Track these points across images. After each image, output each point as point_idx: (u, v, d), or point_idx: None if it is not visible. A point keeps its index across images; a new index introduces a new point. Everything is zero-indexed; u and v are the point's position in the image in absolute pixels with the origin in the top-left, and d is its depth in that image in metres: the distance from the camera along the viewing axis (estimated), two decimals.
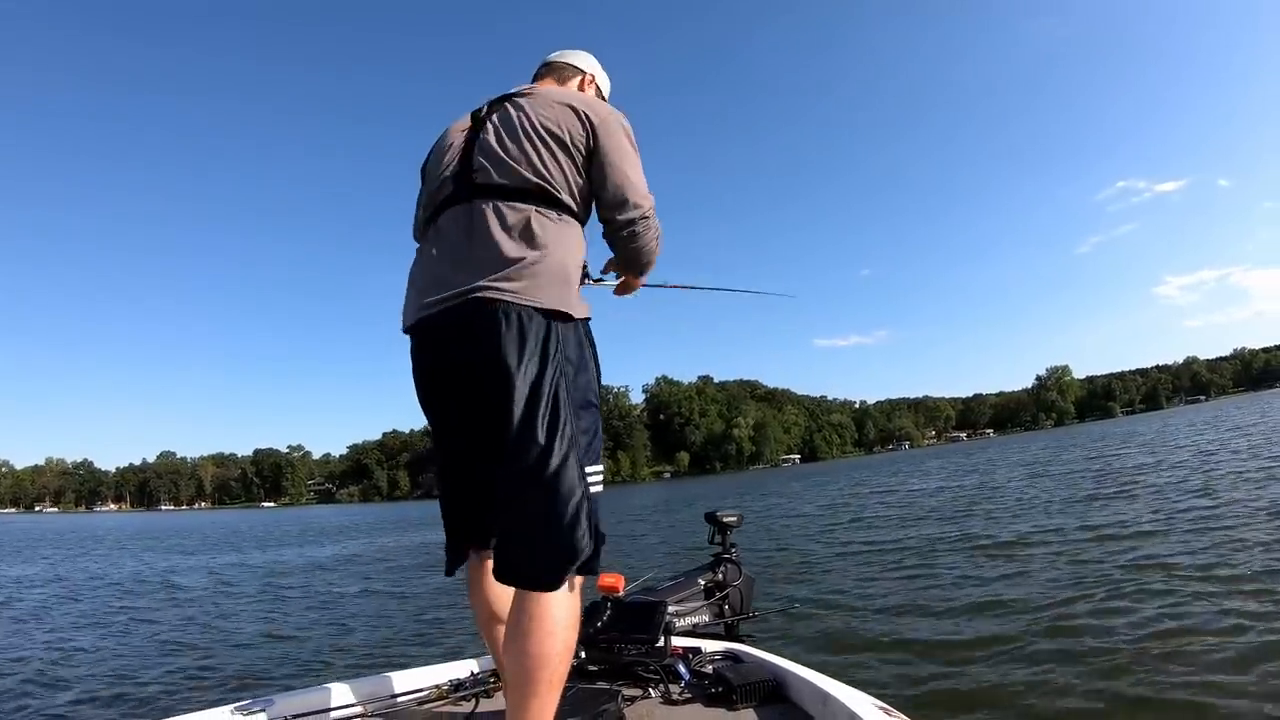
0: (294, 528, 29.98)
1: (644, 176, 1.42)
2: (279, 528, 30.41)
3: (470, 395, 1.30)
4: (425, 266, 1.39)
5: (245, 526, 33.13)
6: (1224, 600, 4.03)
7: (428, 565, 11.12)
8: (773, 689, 1.64)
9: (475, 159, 1.37)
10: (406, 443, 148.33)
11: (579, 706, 1.49)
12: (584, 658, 1.86)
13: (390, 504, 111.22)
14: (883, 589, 5.64)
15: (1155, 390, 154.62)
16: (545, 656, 1.19)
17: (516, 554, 1.26)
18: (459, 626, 5.74)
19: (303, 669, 4.76)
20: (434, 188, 1.44)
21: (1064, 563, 5.71)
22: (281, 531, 26.83)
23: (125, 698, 4.25)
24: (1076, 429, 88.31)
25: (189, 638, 6.08)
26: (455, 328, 1.29)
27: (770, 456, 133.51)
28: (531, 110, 1.37)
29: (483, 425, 1.28)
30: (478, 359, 1.26)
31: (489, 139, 1.37)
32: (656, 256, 1.48)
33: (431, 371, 1.38)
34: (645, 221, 1.40)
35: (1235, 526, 6.13)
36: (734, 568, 2.73)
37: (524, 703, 1.20)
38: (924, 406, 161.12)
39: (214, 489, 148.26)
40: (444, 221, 1.38)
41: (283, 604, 7.96)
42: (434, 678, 1.83)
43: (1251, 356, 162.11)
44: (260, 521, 40.86)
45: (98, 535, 28.74)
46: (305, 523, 35.30)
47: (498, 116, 1.40)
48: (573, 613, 1.25)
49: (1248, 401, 66.30)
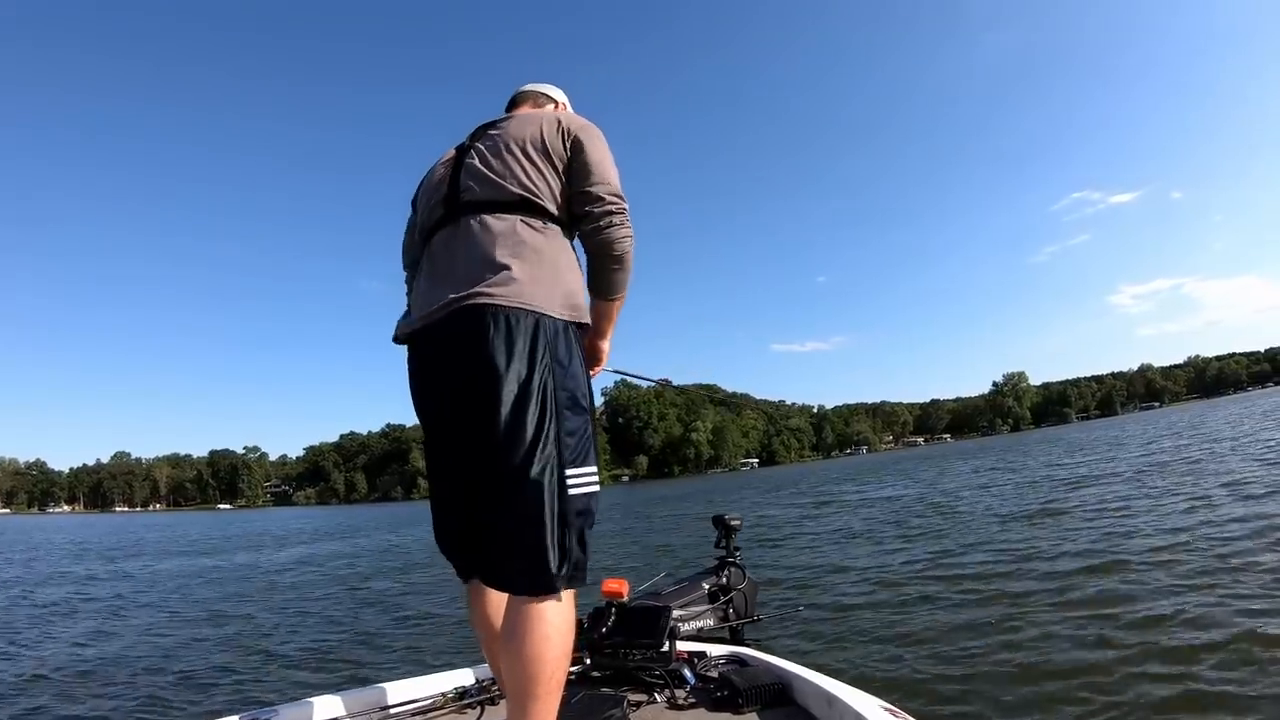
0: (257, 529, 29.23)
1: (617, 181, 1.46)
2: (250, 531, 29.36)
3: (459, 398, 1.31)
4: (419, 285, 1.45)
5: (223, 530, 31.43)
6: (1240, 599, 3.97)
7: (422, 566, 11.11)
8: (778, 692, 1.64)
9: (462, 181, 1.42)
10: (364, 445, 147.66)
11: (585, 712, 1.50)
12: (589, 663, 1.88)
13: (348, 507, 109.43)
14: (887, 591, 5.55)
15: (1110, 397, 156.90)
16: (540, 661, 1.19)
17: (499, 556, 1.27)
18: (458, 626, 5.74)
19: (305, 680, 4.68)
20: (424, 215, 1.50)
21: (1075, 564, 5.52)
22: (255, 535, 25.92)
23: (130, 704, 4.21)
24: (1033, 434, 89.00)
25: (188, 645, 5.96)
26: (447, 334, 1.33)
27: (729, 460, 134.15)
28: (512, 129, 1.44)
29: (470, 428, 1.30)
30: (468, 360, 1.28)
31: (474, 162, 1.43)
32: (629, 262, 1.46)
33: (424, 376, 1.41)
34: (620, 215, 1.42)
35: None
36: (738, 571, 2.69)
37: (523, 710, 1.20)
38: (882, 411, 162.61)
39: (169, 491, 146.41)
40: (435, 243, 1.43)
41: (279, 612, 7.73)
42: (439, 686, 1.82)
43: (1205, 364, 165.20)
44: (223, 525, 39.32)
45: (84, 539, 26.78)
46: (269, 526, 33.88)
47: (481, 142, 1.46)
48: (566, 616, 1.25)
49: (1203, 408, 66.90)
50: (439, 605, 7.22)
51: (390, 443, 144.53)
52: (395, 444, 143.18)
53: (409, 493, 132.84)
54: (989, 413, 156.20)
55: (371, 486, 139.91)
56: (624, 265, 1.46)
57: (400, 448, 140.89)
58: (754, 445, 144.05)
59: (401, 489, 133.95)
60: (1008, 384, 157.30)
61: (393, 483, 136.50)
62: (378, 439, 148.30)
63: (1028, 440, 50.91)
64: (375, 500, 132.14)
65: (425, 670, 1.95)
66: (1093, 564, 5.40)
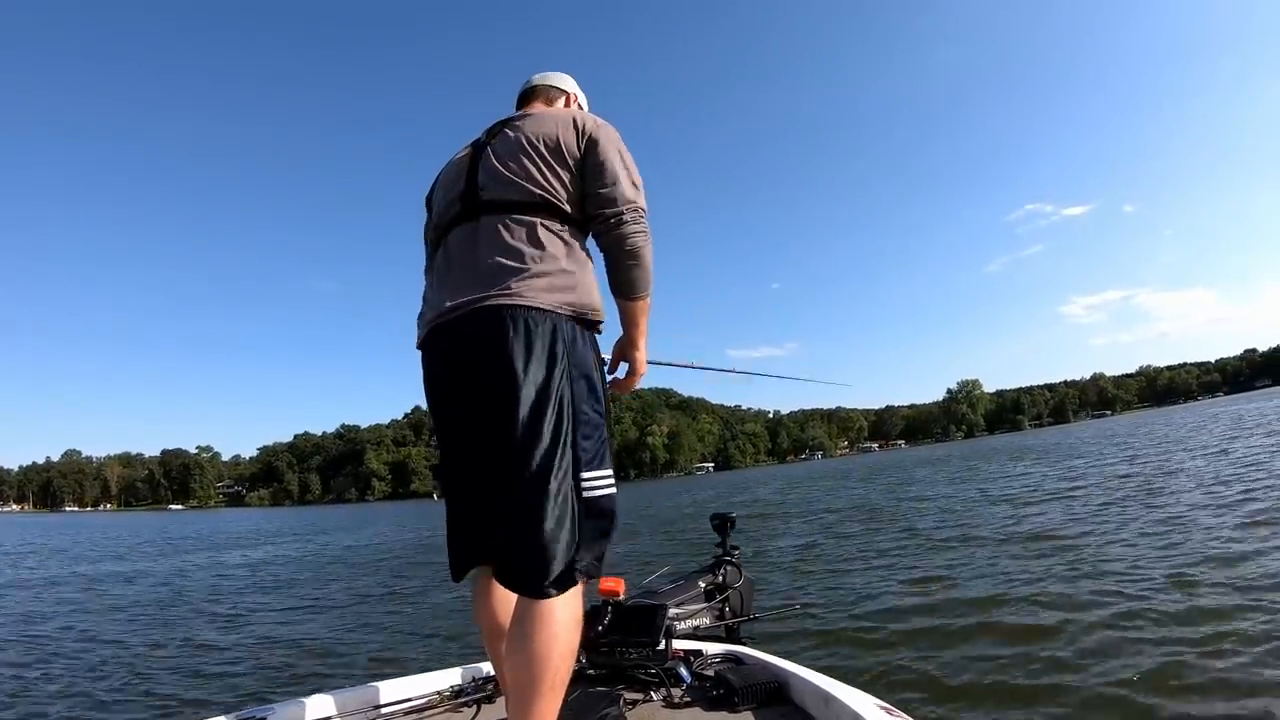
0: (211, 529, 28.64)
1: (637, 181, 1.45)
2: (204, 531, 28.59)
3: (476, 398, 1.32)
4: (437, 284, 1.44)
5: (194, 531, 29.92)
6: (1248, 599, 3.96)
7: (417, 566, 11.09)
8: (774, 691, 1.64)
9: (481, 179, 1.42)
10: (319, 445, 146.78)
11: (581, 710, 1.50)
12: (585, 662, 1.88)
13: (303, 508, 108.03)
14: (883, 590, 5.54)
15: (1063, 404, 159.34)
16: (546, 659, 1.20)
17: (513, 557, 1.28)
18: (457, 628, 5.76)
19: (300, 677, 4.62)
20: (440, 211, 1.50)
21: (1072, 562, 5.55)
22: (223, 535, 25.25)
23: (127, 703, 4.16)
24: (987, 440, 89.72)
25: (185, 644, 5.82)
26: (465, 334, 1.34)
27: (684, 465, 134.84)
28: (529, 129, 1.43)
29: (486, 428, 1.31)
30: (486, 361, 1.30)
31: (491, 160, 1.43)
32: (646, 258, 1.44)
33: (441, 376, 1.41)
34: (632, 214, 1.41)
35: None
36: (734, 569, 2.68)
37: (526, 707, 1.21)
38: (837, 417, 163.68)
39: (120, 490, 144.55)
40: (452, 240, 1.43)
41: (270, 610, 7.63)
42: (435, 684, 1.83)
43: (1156, 374, 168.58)
44: (183, 524, 38.32)
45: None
46: (224, 527, 32.84)
47: (499, 141, 1.46)
48: (574, 616, 1.26)
49: (1155, 416, 67.51)
50: (427, 607, 7.14)
51: (345, 444, 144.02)
52: (350, 445, 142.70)
53: (363, 494, 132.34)
54: (943, 419, 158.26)
55: (326, 488, 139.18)
56: (640, 261, 1.43)
57: (355, 449, 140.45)
58: (710, 449, 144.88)
59: (356, 491, 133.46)
60: (962, 391, 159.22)
61: (347, 484, 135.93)
62: (332, 440, 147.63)
63: (983, 447, 50.39)
64: (330, 502, 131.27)
65: (419, 669, 1.96)
66: (1090, 568, 5.38)
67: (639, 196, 1.44)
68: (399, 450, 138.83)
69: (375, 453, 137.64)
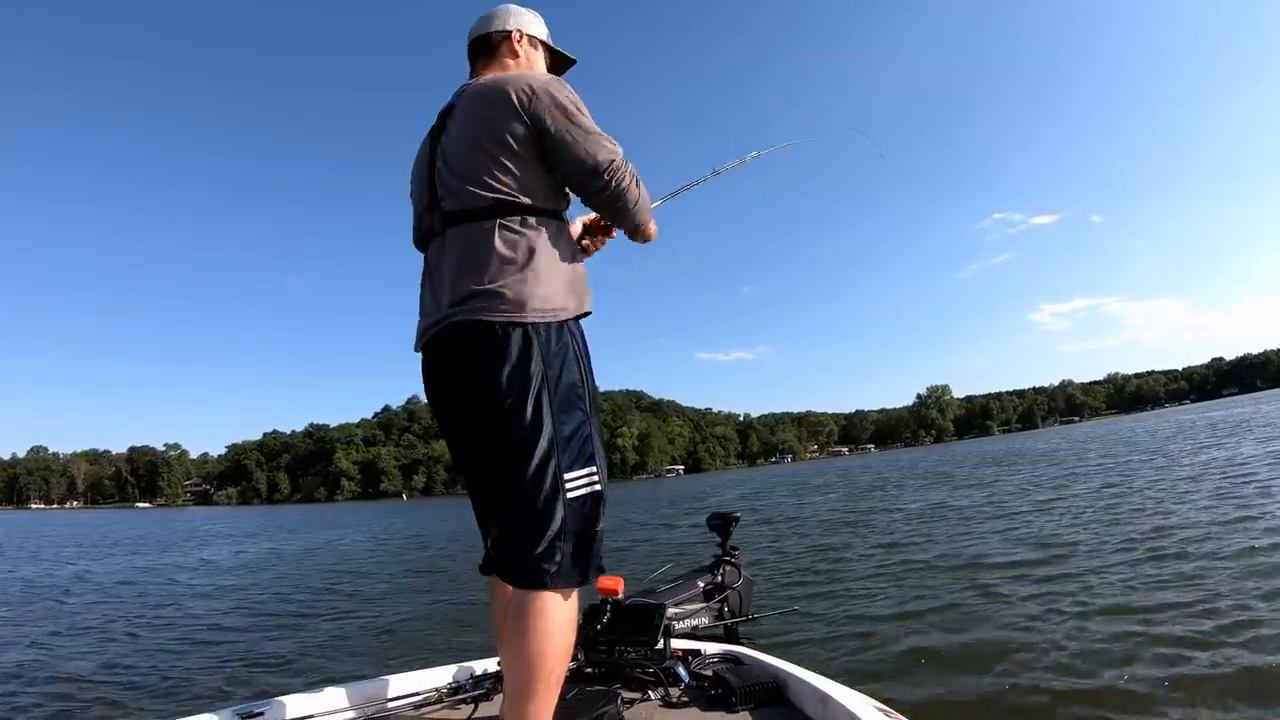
0: (185, 529, 28.25)
1: (599, 133, 1.38)
2: (200, 530, 28.29)
3: (460, 412, 1.41)
4: (422, 297, 1.49)
5: (181, 531, 29.15)
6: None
7: (416, 564, 11.15)
8: (772, 691, 1.65)
9: (439, 190, 1.42)
10: (287, 444, 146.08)
11: (578, 709, 1.51)
12: (583, 660, 1.90)
13: (271, 507, 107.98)
14: (881, 591, 5.57)
15: (1031, 410, 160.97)
16: (541, 656, 1.23)
17: (506, 554, 1.35)
18: (457, 625, 5.85)
19: (299, 672, 4.65)
20: (416, 225, 1.53)
21: (1072, 566, 5.56)
22: (205, 533, 25.13)
23: (123, 700, 4.19)
24: (955, 446, 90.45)
25: (182, 640, 5.89)
26: (442, 351, 1.40)
27: (654, 467, 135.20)
28: (466, 122, 1.40)
29: (472, 438, 1.40)
30: (462, 376, 1.35)
31: (443, 167, 1.42)
32: (646, 203, 1.45)
33: (432, 387, 1.47)
34: (615, 174, 1.38)
35: None
36: (733, 570, 2.68)
37: (520, 703, 1.24)
38: (807, 421, 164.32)
39: (87, 488, 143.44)
40: (430, 254, 1.47)
41: (267, 605, 7.65)
42: (433, 681, 1.85)
43: (1124, 381, 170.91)
44: (159, 523, 37.91)
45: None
46: (195, 525, 32.41)
47: (444, 137, 1.44)
48: (569, 613, 1.30)
49: (1123, 422, 67.47)
50: (423, 605, 7.21)
51: (314, 443, 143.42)
52: (319, 444, 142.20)
53: (332, 494, 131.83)
54: (913, 424, 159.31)
55: (295, 487, 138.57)
56: (637, 206, 1.44)
57: (324, 448, 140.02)
58: (680, 452, 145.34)
59: (325, 490, 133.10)
60: (931, 396, 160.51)
61: (316, 483, 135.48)
62: (301, 439, 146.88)
63: (956, 451, 51.10)
64: (298, 501, 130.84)
65: (419, 665, 2.00)
66: (1088, 566, 5.41)
67: (606, 148, 1.38)
68: (368, 450, 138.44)
69: (345, 452, 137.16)
